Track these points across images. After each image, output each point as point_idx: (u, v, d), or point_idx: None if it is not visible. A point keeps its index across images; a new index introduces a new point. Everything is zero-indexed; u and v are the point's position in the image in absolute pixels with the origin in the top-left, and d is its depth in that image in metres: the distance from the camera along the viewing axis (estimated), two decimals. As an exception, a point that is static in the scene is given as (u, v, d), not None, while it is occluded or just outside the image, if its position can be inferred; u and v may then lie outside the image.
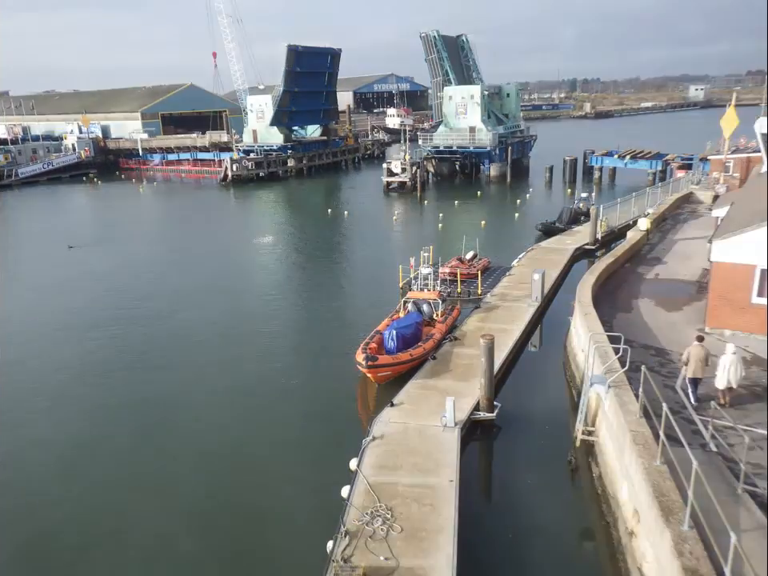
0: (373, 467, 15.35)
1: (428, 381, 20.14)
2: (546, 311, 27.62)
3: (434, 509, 13.67)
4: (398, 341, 21.48)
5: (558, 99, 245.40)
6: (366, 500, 13.99)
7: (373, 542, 12.63)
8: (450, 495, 14.10)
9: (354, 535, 12.82)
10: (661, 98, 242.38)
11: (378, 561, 12.11)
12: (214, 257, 40.90)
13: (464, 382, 19.86)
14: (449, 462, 15.45)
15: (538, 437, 17.86)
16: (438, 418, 17.24)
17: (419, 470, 15.15)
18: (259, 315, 29.06)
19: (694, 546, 9.94)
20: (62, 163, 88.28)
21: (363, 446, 16.30)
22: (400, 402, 18.70)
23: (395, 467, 15.33)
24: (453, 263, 32.48)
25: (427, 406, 18.28)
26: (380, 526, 13.06)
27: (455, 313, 25.93)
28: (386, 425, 17.37)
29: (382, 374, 20.59)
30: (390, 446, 16.33)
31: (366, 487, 14.47)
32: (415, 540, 12.71)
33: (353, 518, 13.35)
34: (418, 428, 17.14)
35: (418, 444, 16.36)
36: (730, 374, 15.01)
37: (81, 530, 14.57)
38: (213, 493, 15.78)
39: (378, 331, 22.98)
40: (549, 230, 42.13)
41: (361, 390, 21.10)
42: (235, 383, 21.85)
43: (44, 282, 35.72)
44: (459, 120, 71.55)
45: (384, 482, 14.69)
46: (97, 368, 23.44)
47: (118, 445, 18.24)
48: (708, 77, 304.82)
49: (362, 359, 20.16)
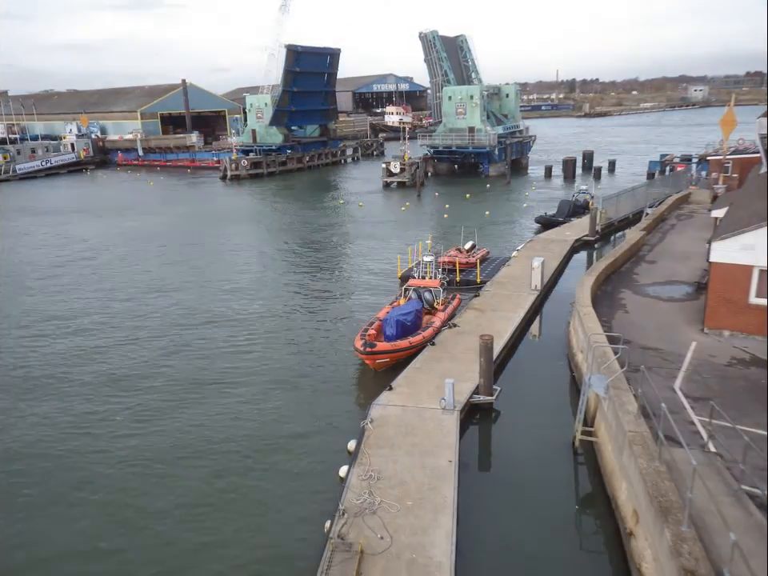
0: (371, 448, 15.39)
1: (426, 365, 20.16)
2: (545, 300, 27.82)
3: (432, 488, 13.69)
4: (398, 328, 21.45)
5: (557, 99, 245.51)
6: (364, 480, 14.03)
7: (371, 521, 12.68)
8: (450, 475, 14.14)
9: (352, 514, 12.88)
10: (660, 98, 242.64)
11: (375, 538, 12.17)
12: (215, 248, 41.16)
13: (463, 366, 19.84)
14: (448, 443, 15.46)
15: (536, 421, 17.89)
16: (436, 401, 17.28)
17: (418, 451, 15.18)
18: (258, 303, 29.39)
19: (692, 547, 9.92)
20: (60, 161, 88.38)
21: (362, 427, 16.36)
22: (398, 385, 18.74)
23: (394, 448, 15.37)
24: (451, 253, 32.82)
25: (426, 390, 18.30)
26: (378, 505, 13.09)
27: (456, 302, 26.03)
28: (384, 407, 17.39)
29: (380, 361, 20.60)
30: (388, 427, 16.35)
31: (364, 467, 14.51)
32: (414, 518, 12.77)
33: (351, 498, 13.40)
34: (417, 411, 17.17)
35: (417, 426, 16.38)
36: None
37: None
38: (212, 474, 15.88)
39: (377, 318, 23.01)
40: (548, 223, 42.16)
41: (359, 376, 21.22)
42: (234, 367, 22.10)
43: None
44: (458, 120, 71.61)
45: (382, 462, 14.74)
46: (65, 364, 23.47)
47: (114, 426, 18.41)
48: (707, 78, 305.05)
49: (360, 345, 20.18)
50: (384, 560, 11.70)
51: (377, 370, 20.81)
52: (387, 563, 11.62)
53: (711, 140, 65.93)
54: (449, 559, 11.67)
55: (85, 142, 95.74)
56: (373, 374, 20.92)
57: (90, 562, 13.31)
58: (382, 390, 18.66)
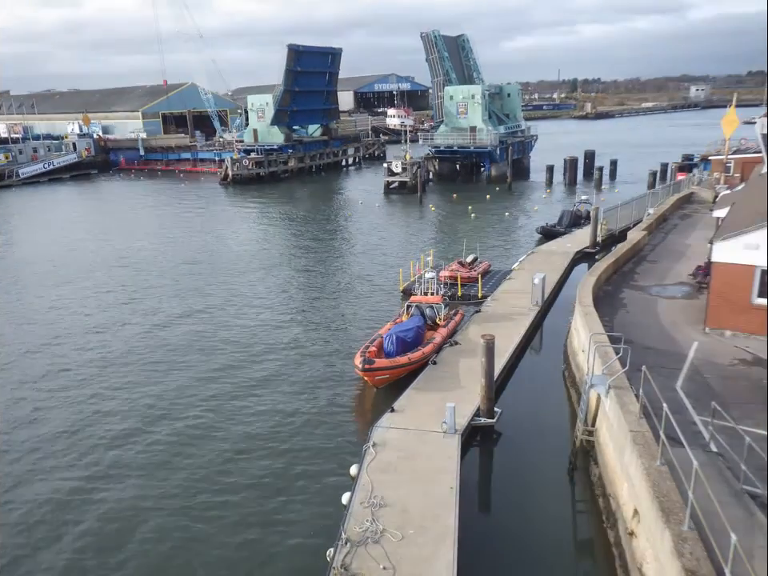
0: (373, 473, 15.27)
1: (428, 386, 20.03)
2: (546, 315, 27.57)
3: (434, 516, 13.60)
4: (398, 344, 21.34)
5: (558, 99, 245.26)
6: (367, 507, 13.91)
7: (373, 550, 12.55)
8: (451, 502, 14.05)
9: (354, 542, 12.75)
10: (662, 98, 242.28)
11: (378, 569, 12.03)
12: (212, 255, 40.97)
13: (464, 387, 19.78)
14: (449, 468, 15.39)
15: (538, 442, 17.80)
16: (438, 424, 17.18)
17: (420, 477, 15.08)
18: (258, 316, 28.89)
19: (694, 547, 9.91)
20: (62, 163, 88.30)
21: (364, 451, 16.24)
22: (400, 407, 18.58)
23: (396, 473, 15.26)
24: (453, 266, 32.41)
25: (428, 412, 18.17)
26: (380, 534, 12.99)
27: (458, 317, 25.87)
28: (386, 431, 17.30)
29: (378, 378, 20.42)
30: (390, 452, 16.26)
31: (366, 494, 14.40)
32: (415, 548, 12.65)
33: (353, 525, 13.27)
34: (419, 434, 17.07)
35: (419, 450, 16.30)
36: None
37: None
38: (211, 498, 15.61)
39: (379, 335, 22.90)
40: (549, 234, 42.09)
41: (361, 395, 20.95)
42: (232, 387, 21.64)
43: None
44: (460, 120, 71.56)
45: (384, 489, 14.62)
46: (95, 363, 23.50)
47: (114, 434, 18.29)
48: (708, 77, 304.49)
49: (359, 362, 20.08)
50: (387, 592, 11.58)
51: (377, 387, 20.67)
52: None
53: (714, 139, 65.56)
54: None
55: (87, 141, 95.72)
56: (375, 393, 20.68)
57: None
58: (383, 410, 18.50)
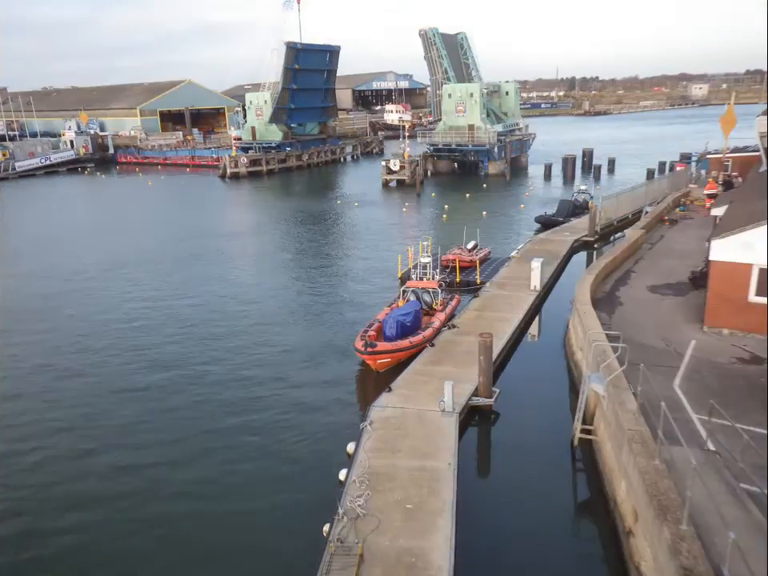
0: (370, 451, 15.35)
1: (426, 367, 20.14)
2: (544, 300, 27.82)
3: (432, 491, 13.68)
4: (398, 328, 21.49)
5: (556, 97, 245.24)
6: (364, 483, 13.99)
7: (370, 524, 12.63)
8: (449, 478, 14.12)
9: (351, 518, 12.82)
10: (660, 96, 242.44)
11: (375, 542, 12.12)
12: (214, 249, 40.96)
13: (462, 368, 19.80)
14: (447, 446, 15.45)
15: (535, 423, 17.87)
16: (435, 404, 17.24)
17: (417, 454, 15.16)
18: (257, 303, 29.23)
19: (691, 545, 9.90)
20: (59, 159, 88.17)
21: (361, 430, 16.32)
22: (397, 387, 18.70)
23: (393, 451, 15.34)
24: (454, 251, 32.81)
25: (425, 391, 18.27)
26: (377, 509, 13.04)
27: (455, 302, 26.04)
28: (383, 409, 17.37)
29: (381, 361, 20.58)
30: (387, 430, 16.32)
31: (363, 470, 14.47)
32: (413, 522, 12.73)
33: (350, 501, 13.35)
34: (416, 413, 17.15)
35: (416, 428, 16.36)
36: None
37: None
38: (210, 477, 15.79)
39: (376, 319, 23.04)
40: (548, 223, 42.18)
41: (358, 377, 21.17)
42: (231, 370, 21.92)
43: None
44: (458, 118, 71.49)
45: (382, 465, 14.70)
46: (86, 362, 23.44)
47: (115, 425, 18.33)
48: (707, 76, 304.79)
49: (362, 345, 20.15)
50: (383, 564, 11.65)
51: (378, 371, 20.76)
52: (386, 567, 11.57)
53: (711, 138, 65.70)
54: (448, 563, 11.62)
55: (84, 139, 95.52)
56: (372, 376, 20.83)
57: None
58: (381, 391, 18.60)
